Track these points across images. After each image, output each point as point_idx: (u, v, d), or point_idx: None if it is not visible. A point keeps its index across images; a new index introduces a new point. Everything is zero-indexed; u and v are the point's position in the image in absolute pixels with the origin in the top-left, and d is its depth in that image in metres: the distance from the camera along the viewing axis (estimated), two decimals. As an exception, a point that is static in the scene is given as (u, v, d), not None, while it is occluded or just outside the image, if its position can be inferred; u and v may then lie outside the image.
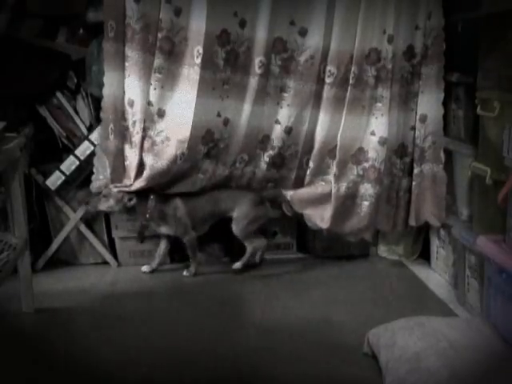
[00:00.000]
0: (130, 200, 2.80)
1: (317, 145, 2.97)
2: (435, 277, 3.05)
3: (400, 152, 3.01)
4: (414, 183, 3.04)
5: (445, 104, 2.92)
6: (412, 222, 3.08)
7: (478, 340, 2.06)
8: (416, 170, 3.02)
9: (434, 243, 3.12)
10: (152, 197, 2.86)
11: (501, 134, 2.24)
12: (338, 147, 2.94)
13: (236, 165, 2.97)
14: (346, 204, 3.01)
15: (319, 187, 3.03)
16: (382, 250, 3.32)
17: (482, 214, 2.53)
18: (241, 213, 2.94)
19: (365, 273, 3.13)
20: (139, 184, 2.83)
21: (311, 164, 3.01)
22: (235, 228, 2.95)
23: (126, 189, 2.84)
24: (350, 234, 3.08)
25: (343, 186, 2.98)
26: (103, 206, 2.82)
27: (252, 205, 2.95)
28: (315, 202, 3.02)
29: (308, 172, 3.03)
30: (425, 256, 3.24)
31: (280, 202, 3.05)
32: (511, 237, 2.14)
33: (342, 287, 2.91)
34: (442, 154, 2.95)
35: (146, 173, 2.83)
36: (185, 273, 2.96)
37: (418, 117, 2.98)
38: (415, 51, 2.89)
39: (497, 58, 2.42)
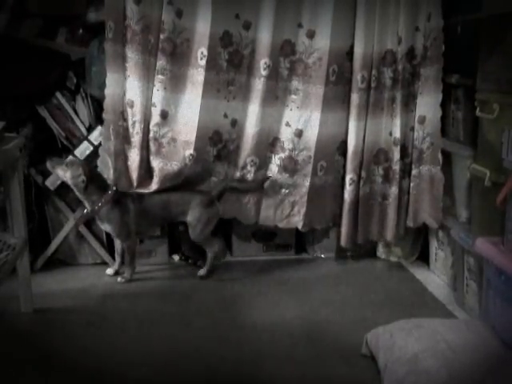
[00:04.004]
0: (82, 182, 2.71)
1: (328, 149, 2.97)
2: (434, 278, 3.05)
3: (401, 153, 3.01)
4: (412, 184, 3.05)
5: (444, 106, 2.92)
6: (410, 223, 3.09)
7: (477, 342, 2.06)
8: (414, 172, 3.04)
9: (433, 245, 3.12)
10: (110, 192, 2.78)
11: (500, 136, 2.25)
12: (364, 149, 2.96)
13: (247, 167, 2.96)
14: (370, 205, 3.04)
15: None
16: (381, 252, 3.33)
17: (481, 215, 2.53)
18: (194, 217, 2.87)
19: (363, 274, 3.14)
20: (152, 187, 2.85)
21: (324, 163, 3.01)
22: (192, 234, 2.90)
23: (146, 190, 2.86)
24: (375, 234, 3.11)
25: (368, 188, 3.02)
26: (61, 172, 2.73)
27: (203, 207, 2.88)
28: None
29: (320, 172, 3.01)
30: (424, 258, 3.24)
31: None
32: (510, 239, 2.14)
33: (341, 288, 2.91)
34: (440, 156, 2.95)
35: (156, 176, 2.84)
36: (119, 279, 2.89)
37: (416, 118, 2.99)
38: (415, 52, 2.90)
39: (496, 60, 2.42)
